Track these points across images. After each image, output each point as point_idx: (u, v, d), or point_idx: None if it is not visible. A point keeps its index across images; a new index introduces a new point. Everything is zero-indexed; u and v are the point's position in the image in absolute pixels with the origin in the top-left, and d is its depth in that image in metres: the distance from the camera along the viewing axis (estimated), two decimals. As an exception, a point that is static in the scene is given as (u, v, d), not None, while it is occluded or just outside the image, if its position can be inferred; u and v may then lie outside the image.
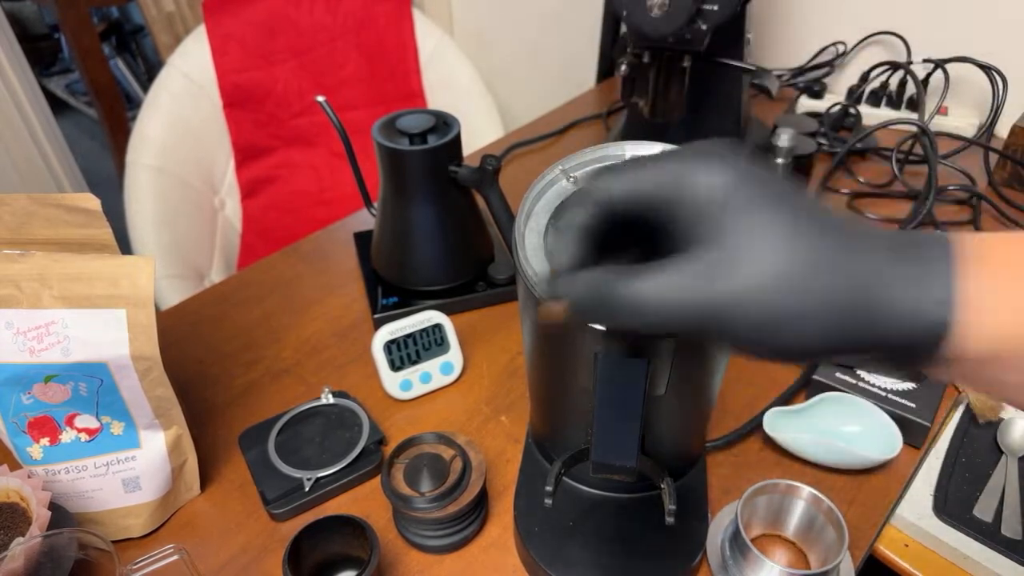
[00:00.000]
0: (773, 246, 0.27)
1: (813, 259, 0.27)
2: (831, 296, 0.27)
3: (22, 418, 0.54)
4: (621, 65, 0.94)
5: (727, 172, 0.28)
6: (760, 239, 0.27)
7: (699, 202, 0.28)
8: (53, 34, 3.15)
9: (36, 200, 0.55)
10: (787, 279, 0.27)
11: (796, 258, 0.27)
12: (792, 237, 0.27)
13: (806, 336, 0.27)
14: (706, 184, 0.28)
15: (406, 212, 0.79)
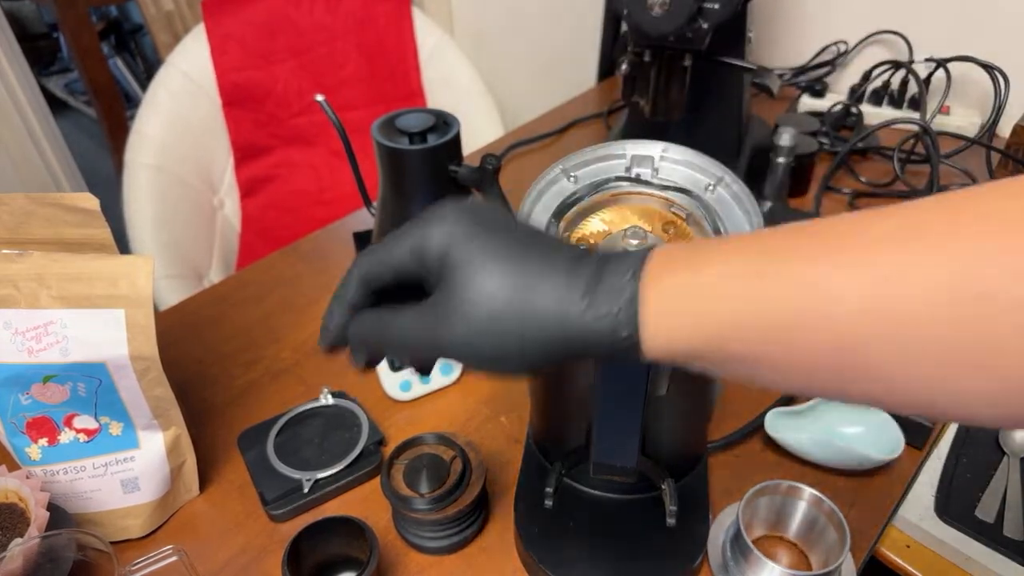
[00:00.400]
0: (478, 297, 0.32)
1: (514, 305, 0.31)
2: (531, 334, 0.31)
3: (20, 418, 0.54)
4: (622, 64, 0.94)
5: (446, 231, 0.35)
6: (469, 290, 0.32)
7: (431, 260, 0.35)
8: (52, 33, 3.15)
9: (34, 199, 0.54)
10: (490, 324, 0.32)
11: (497, 306, 0.32)
12: (495, 287, 0.32)
13: (519, 363, 0.33)
14: (434, 244, 0.35)
15: (406, 212, 0.78)
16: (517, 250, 0.33)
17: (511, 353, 0.32)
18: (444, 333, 0.33)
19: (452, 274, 0.33)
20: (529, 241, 0.34)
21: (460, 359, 0.34)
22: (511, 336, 0.32)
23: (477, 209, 0.36)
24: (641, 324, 0.30)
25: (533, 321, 0.31)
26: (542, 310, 0.31)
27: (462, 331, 0.32)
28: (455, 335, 0.33)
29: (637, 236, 0.45)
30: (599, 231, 0.49)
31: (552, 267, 0.32)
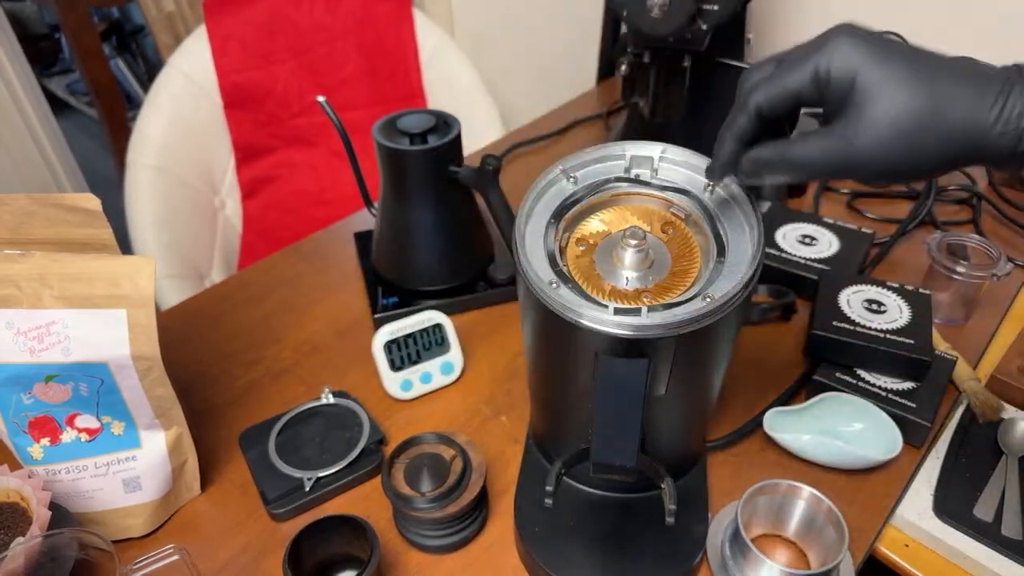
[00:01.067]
0: (896, 114, 0.36)
1: (928, 119, 0.36)
2: (943, 145, 0.36)
3: (23, 418, 0.54)
4: (621, 65, 0.94)
5: (852, 56, 0.38)
6: (887, 108, 0.37)
7: (837, 85, 0.38)
8: (53, 34, 3.15)
9: (36, 200, 0.55)
10: (908, 137, 0.36)
11: (913, 120, 0.36)
12: (911, 105, 0.36)
13: (929, 170, 0.38)
14: (840, 69, 0.38)
15: (406, 212, 0.79)
16: (926, 73, 0.37)
17: (923, 162, 0.37)
18: (861, 148, 0.37)
19: (865, 95, 0.37)
20: (935, 64, 0.37)
21: (871, 169, 0.38)
22: (926, 147, 0.36)
23: (870, 36, 0.39)
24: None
25: (946, 133, 0.36)
26: (955, 123, 0.36)
27: (878, 145, 0.37)
28: (871, 148, 0.37)
29: (636, 236, 0.45)
30: (598, 231, 0.49)
31: (961, 87, 0.36)
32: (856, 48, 0.38)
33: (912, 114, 0.36)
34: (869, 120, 0.37)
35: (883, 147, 0.37)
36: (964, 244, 0.78)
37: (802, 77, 0.39)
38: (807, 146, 0.40)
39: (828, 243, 0.85)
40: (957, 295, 0.77)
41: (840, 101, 0.38)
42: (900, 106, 0.36)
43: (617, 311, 0.41)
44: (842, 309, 0.71)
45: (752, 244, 0.45)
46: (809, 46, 0.40)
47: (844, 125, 0.38)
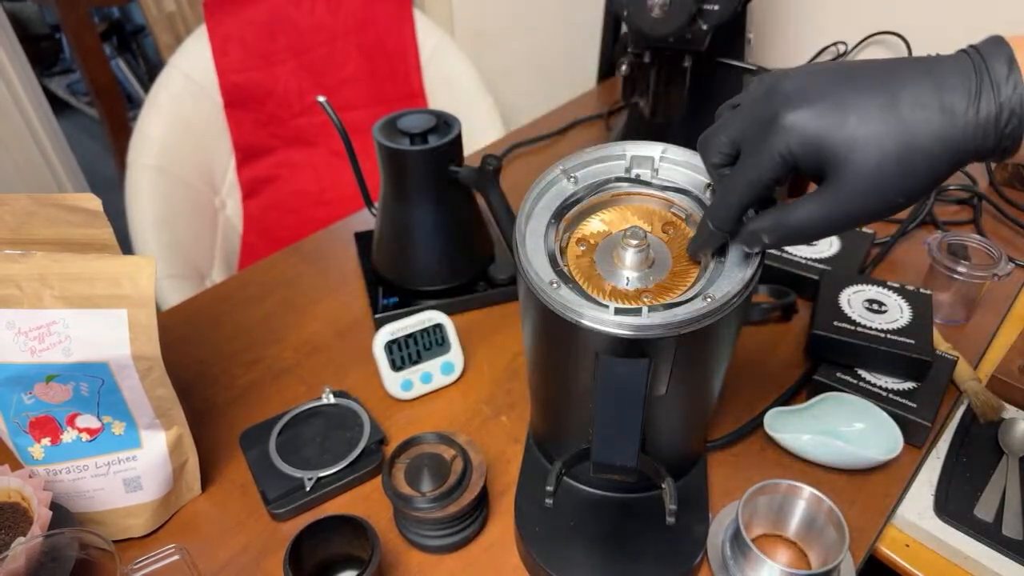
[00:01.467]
0: (876, 161, 0.36)
1: (907, 152, 0.36)
2: (925, 166, 0.36)
3: (23, 418, 0.54)
4: (622, 65, 0.94)
5: (806, 129, 0.37)
6: (866, 160, 0.36)
7: (808, 160, 0.38)
8: (54, 34, 3.15)
9: (37, 200, 0.55)
10: (894, 179, 0.36)
11: (893, 160, 0.36)
12: (887, 145, 0.36)
13: (921, 193, 0.37)
14: (805, 146, 0.38)
15: (407, 212, 0.79)
16: (886, 105, 0.36)
17: (916, 190, 0.37)
18: (854, 202, 0.37)
19: (839, 157, 0.37)
20: (890, 89, 0.36)
21: (870, 217, 0.38)
22: (915, 177, 0.36)
23: (809, 89, 0.38)
24: None
25: (927, 160, 0.36)
26: (934, 147, 0.35)
27: (868, 195, 0.37)
28: (862, 199, 0.37)
29: (637, 236, 0.45)
30: (599, 231, 0.49)
31: (926, 109, 0.35)
32: (807, 117, 0.37)
33: (891, 157, 0.36)
34: (852, 177, 0.37)
35: (875, 194, 0.37)
36: (965, 244, 0.78)
37: (772, 170, 0.39)
38: (803, 212, 0.39)
39: (828, 243, 0.85)
40: (958, 295, 0.77)
41: (818, 167, 0.38)
42: (877, 156, 0.36)
43: (618, 311, 0.41)
44: (843, 309, 0.71)
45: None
46: (758, 128, 0.39)
47: (832, 185, 0.38)
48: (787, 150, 0.38)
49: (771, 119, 0.38)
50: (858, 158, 0.36)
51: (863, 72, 0.38)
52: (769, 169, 0.39)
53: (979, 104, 0.35)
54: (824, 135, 0.37)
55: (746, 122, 0.41)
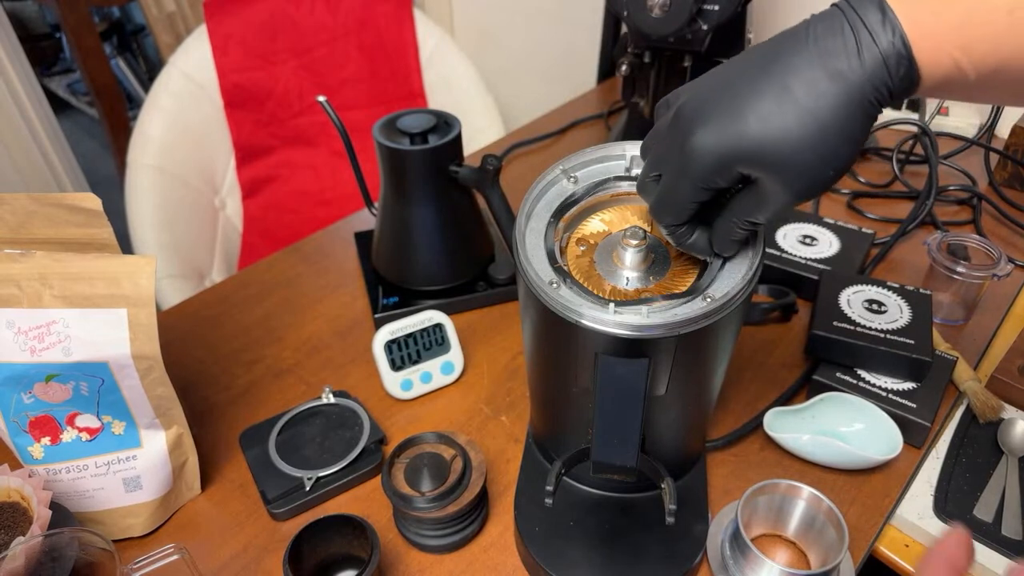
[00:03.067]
0: (795, 151, 0.36)
1: (816, 132, 0.35)
2: (837, 132, 0.35)
3: (23, 417, 0.54)
4: (622, 65, 0.94)
5: (720, 148, 0.37)
6: (786, 157, 0.36)
7: (727, 175, 0.38)
8: (54, 34, 3.15)
9: (37, 199, 0.55)
10: (815, 159, 0.36)
11: (808, 142, 0.36)
12: (798, 131, 0.35)
13: (849, 158, 0.37)
14: (720, 166, 0.38)
15: (407, 212, 0.79)
16: (777, 93, 0.36)
17: (840, 160, 0.36)
18: (789, 196, 0.38)
19: (757, 163, 0.37)
20: (774, 76, 0.36)
21: (809, 198, 0.38)
22: (833, 151, 0.36)
23: (701, 105, 0.38)
24: (912, 44, 0.34)
25: (834, 128, 0.35)
26: (835, 115, 0.35)
27: (799, 182, 0.37)
28: (797, 190, 0.37)
29: (636, 236, 0.45)
30: (599, 231, 0.49)
31: (815, 78, 0.35)
32: (710, 137, 0.37)
33: (805, 144, 0.36)
34: (776, 176, 0.37)
35: (804, 181, 0.37)
36: (964, 244, 0.78)
37: (696, 196, 0.40)
38: (744, 214, 0.40)
39: (828, 243, 0.85)
40: (957, 295, 0.77)
41: (742, 176, 0.38)
42: (790, 150, 0.36)
43: (617, 311, 0.41)
44: (842, 309, 0.71)
45: (752, 244, 0.45)
46: (674, 159, 0.40)
47: (761, 187, 0.38)
48: (702, 177, 0.39)
49: (680, 147, 0.39)
50: (773, 159, 0.36)
51: (749, 68, 0.38)
52: (692, 197, 0.40)
53: (863, 58, 0.34)
54: (733, 149, 0.37)
55: (662, 156, 0.41)
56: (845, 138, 0.36)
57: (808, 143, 0.35)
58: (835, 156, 0.36)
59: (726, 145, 0.37)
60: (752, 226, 0.41)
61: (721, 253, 0.44)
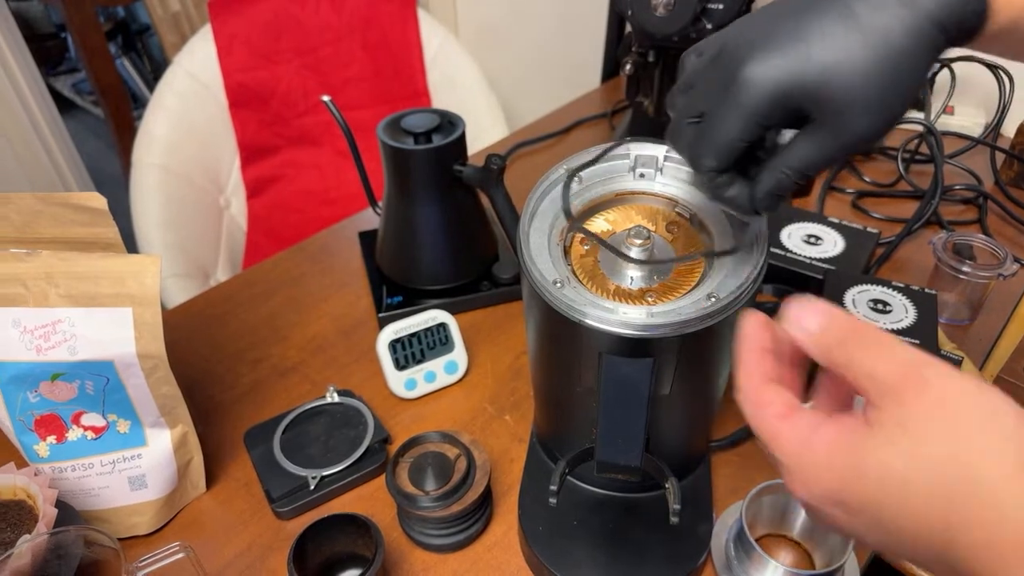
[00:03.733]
0: (854, 86, 0.34)
1: (883, 65, 0.34)
2: (911, 74, 0.34)
3: (29, 416, 0.54)
4: (626, 64, 0.94)
5: (772, 76, 0.35)
6: (842, 86, 0.34)
7: (783, 111, 0.36)
8: (59, 33, 3.16)
9: (42, 199, 0.55)
10: (887, 92, 0.34)
11: (872, 76, 0.34)
12: (868, 68, 0.34)
13: (910, 99, 0.35)
14: (774, 98, 0.36)
15: (411, 211, 0.79)
16: (841, 14, 0.34)
17: (907, 91, 0.34)
18: (856, 131, 0.35)
19: (820, 92, 0.35)
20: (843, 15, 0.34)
21: (874, 138, 0.36)
22: (900, 80, 0.34)
23: (755, 34, 0.36)
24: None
25: (904, 55, 0.33)
26: (905, 41, 0.33)
27: (867, 115, 0.35)
28: (863, 124, 0.35)
29: (641, 236, 0.45)
30: (603, 230, 0.49)
31: (884, 3, 0.34)
32: (767, 63, 0.35)
33: (872, 70, 0.33)
34: (841, 106, 0.34)
35: (872, 114, 0.34)
36: (970, 244, 0.78)
37: (745, 134, 0.37)
38: (798, 161, 0.37)
39: (833, 243, 0.85)
40: (963, 295, 0.76)
41: (797, 110, 0.36)
42: (858, 76, 0.33)
43: (622, 310, 0.41)
44: (847, 309, 0.71)
45: (757, 244, 0.45)
46: (719, 96, 0.37)
47: (823, 122, 0.36)
48: (756, 110, 0.36)
49: (730, 79, 0.36)
50: (840, 87, 0.34)
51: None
52: (741, 135, 0.37)
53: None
54: (795, 76, 0.34)
55: (706, 93, 0.38)
56: (913, 70, 0.34)
57: (877, 70, 0.33)
58: (903, 87, 0.34)
59: (787, 71, 0.34)
60: (802, 176, 0.38)
61: (762, 209, 0.40)
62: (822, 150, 0.36)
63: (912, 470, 0.26)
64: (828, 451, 0.29)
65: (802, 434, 0.30)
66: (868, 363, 0.29)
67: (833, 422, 0.30)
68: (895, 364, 0.28)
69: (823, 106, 0.35)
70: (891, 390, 0.28)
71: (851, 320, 0.31)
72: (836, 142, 0.36)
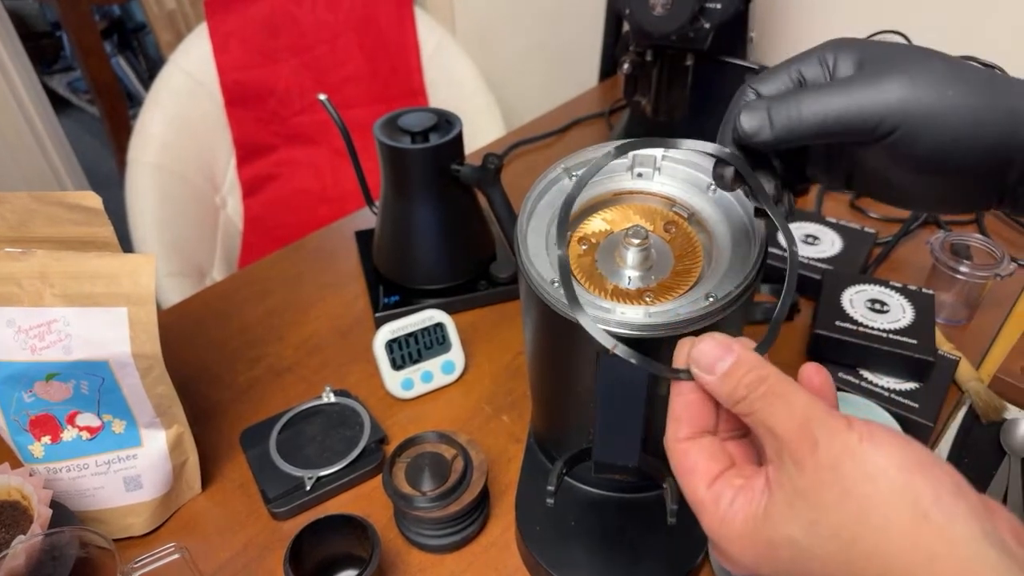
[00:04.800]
0: (927, 67, 0.32)
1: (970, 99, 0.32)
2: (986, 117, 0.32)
3: (23, 416, 0.54)
4: (623, 63, 0.94)
5: (851, 44, 0.35)
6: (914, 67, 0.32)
7: (840, 67, 0.35)
8: (55, 32, 3.15)
9: (37, 198, 0.55)
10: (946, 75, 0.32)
11: (953, 75, 0.32)
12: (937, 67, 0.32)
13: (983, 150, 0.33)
14: (842, 55, 0.35)
15: (408, 211, 0.79)
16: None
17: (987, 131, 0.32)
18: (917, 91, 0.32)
19: (891, 57, 0.33)
20: None
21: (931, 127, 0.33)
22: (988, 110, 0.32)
23: None
24: None
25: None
26: None
27: (936, 85, 0.32)
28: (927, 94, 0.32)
29: (639, 235, 0.45)
30: (601, 230, 0.49)
31: None
32: (859, 40, 0.35)
33: (953, 73, 0.32)
34: (910, 65, 0.32)
35: (942, 85, 0.32)
36: (967, 244, 0.78)
37: (804, 60, 0.36)
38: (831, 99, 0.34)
39: (831, 242, 0.85)
40: (960, 295, 0.76)
41: (858, 69, 0.34)
42: (938, 62, 0.32)
43: (619, 311, 0.41)
44: (845, 309, 0.71)
45: (755, 243, 0.45)
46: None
47: (879, 66, 0.33)
48: (826, 52, 0.35)
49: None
50: (915, 61, 0.33)
51: None
52: (799, 60, 0.36)
53: None
54: (866, 48, 0.34)
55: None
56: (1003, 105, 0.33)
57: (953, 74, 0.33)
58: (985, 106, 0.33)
59: (862, 43, 0.35)
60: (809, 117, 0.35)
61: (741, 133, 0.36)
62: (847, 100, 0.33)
63: (812, 540, 0.27)
64: (743, 527, 0.30)
65: (721, 510, 0.31)
66: (768, 418, 0.29)
67: (745, 494, 0.30)
68: (792, 421, 0.29)
69: (882, 58, 0.34)
70: (787, 449, 0.28)
71: (755, 365, 0.31)
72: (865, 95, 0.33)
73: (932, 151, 0.33)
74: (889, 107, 0.32)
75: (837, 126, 0.33)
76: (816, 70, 0.36)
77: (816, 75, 0.36)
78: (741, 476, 0.31)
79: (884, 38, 1.19)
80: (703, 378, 0.33)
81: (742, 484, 0.31)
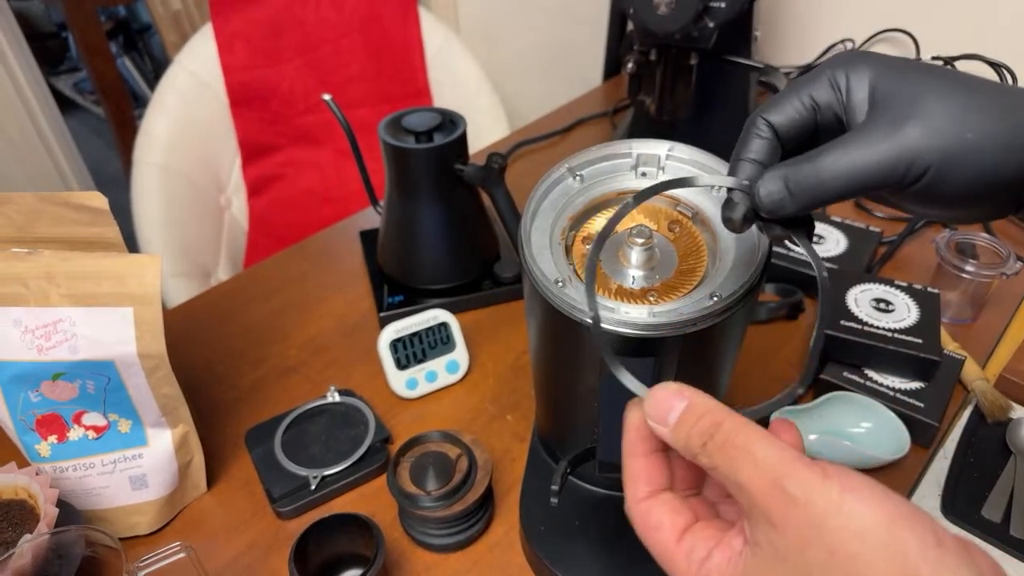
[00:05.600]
0: (946, 99, 0.31)
1: (987, 117, 0.31)
2: None
3: (30, 416, 0.54)
4: (628, 63, 0.94)
5: (866, 62, 0.34)
6: (931, 101, 0.32)
7: (854, 95, 0.34)
8: (60, 33, 3.16)
9: (43, 199, 0.55)
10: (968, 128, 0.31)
11: (970, 115, 0.31)
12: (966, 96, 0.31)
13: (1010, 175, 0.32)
14: (853, 78, 0.34)
15: (412, 210, 0.79)
16: (951, 78, 0.32)
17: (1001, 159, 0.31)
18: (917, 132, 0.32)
19: (906, 91, 0.32)
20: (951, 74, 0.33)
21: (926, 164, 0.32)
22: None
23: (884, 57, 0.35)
24: None
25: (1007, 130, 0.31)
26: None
27: (947, 128, 0.31)
28: (944, 130, 0.31)
29: (643, 235, 0.45)
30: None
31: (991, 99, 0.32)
32: (869, 57, 0.34)
33: (965, 103, 0.31)
34: (921, 109, 0.31)
35: (963, 132, 0.31)
36: (973, 243, 0.77)
37: (814, 83, 0.35)
38: (837, 152, 0.33)
39: (836, 241, 0.84)
40: (966, 294, 0.76)
41: (863, 107, 0.34)
42: (957, 97, 0.31)
43: (623, 310, 0.41)
44: (850, 308, 0.71)
45: (759, 242, 0.45)
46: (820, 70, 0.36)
47: (889, 117, 0.32)
48: (840, 74, 0.34)
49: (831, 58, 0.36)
50: (932, 95, 0.32)
51: None
52: (809, 86, 0.35)
53: None
54: (881, 74, 0.33)
55: None
56: None
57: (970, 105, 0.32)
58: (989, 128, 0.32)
59: (878, 60, 0.34)
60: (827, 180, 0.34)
61: (770, 205, 0.35)
62: (866, 156, 0.32)
63: None
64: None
65: (695, 564, 0.30)
66: (734, 473, 0.28)
67: (722, 551, 0.29)
68: (759, 475, 0.28)
69: (893, 102, 0.33)
70: (760, 508, 0.28)
71: (708, 410, 0.30)
72: (884, 150, 0.32)
73: (956, 191, 0.32)
74: (910, 165, 0.32)
75: (859, 189, 0.33)
76: (828, 94, 0.35)
77: (829, 99, 0.35)
78: (711, 529, 0.30)
79: (889, 37, 1.19)
80: (658, 430, 0.32)
81: (716, 540, 0.30)
